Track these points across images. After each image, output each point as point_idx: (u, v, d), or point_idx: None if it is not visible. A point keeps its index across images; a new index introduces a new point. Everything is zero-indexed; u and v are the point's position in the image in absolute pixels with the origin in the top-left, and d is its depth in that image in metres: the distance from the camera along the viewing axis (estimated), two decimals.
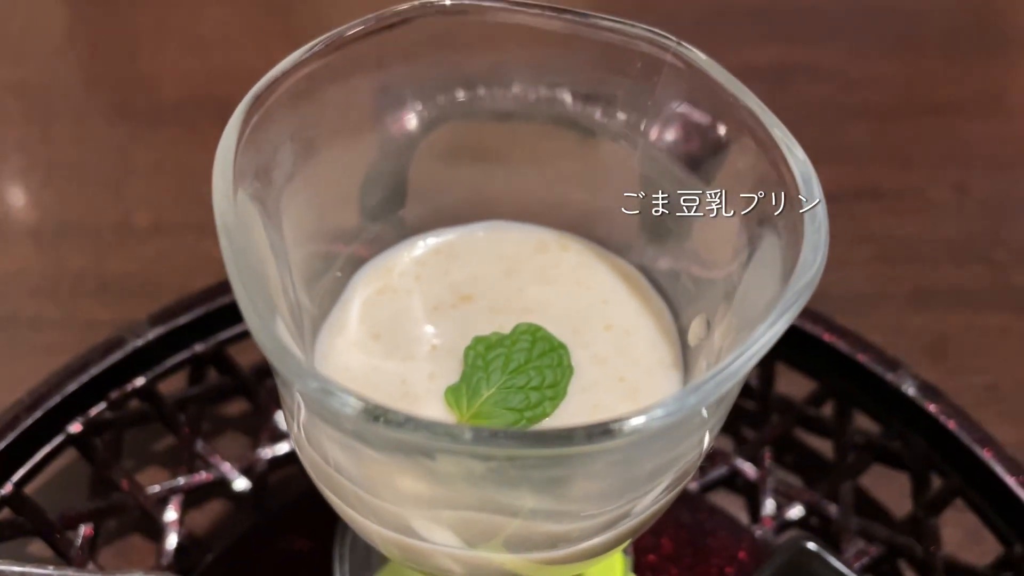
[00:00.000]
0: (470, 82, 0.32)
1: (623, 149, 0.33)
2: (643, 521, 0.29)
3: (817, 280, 0.24)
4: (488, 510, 0.26)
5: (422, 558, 0.29)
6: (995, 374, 0.57)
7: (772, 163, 0.27)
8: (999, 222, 0.67)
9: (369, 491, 0.27)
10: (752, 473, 0.49)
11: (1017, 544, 0.42)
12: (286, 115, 0.28)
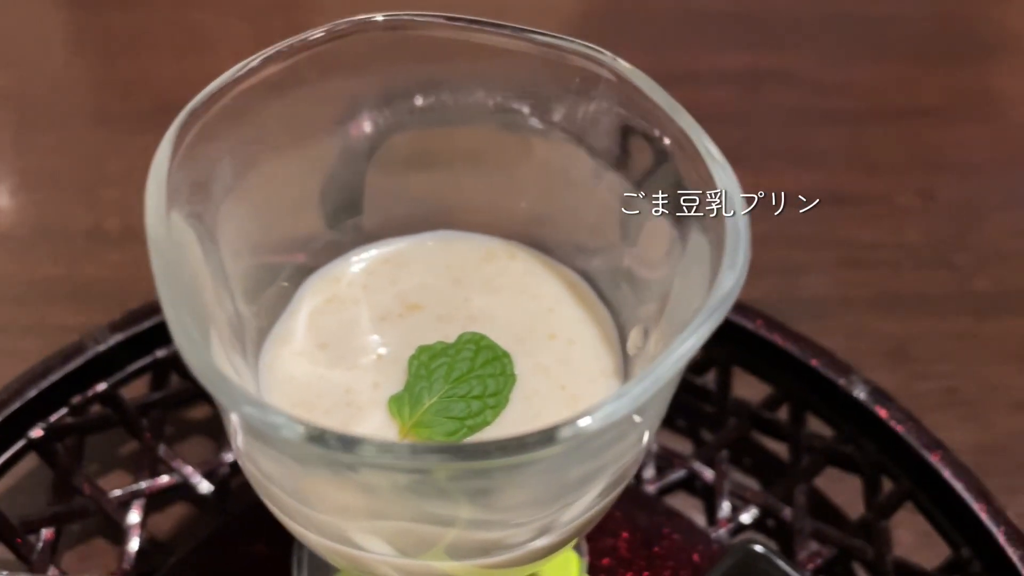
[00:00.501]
0: (414, 95, 0.32)
1: (566, 159, 0.33)
2: (582, 525, 0.30)
3: (736, 290, 0.24)
4: (421, 521, 0.27)
5: (364, 566, 0.29)
6: (955, 378, 0.57)
7: (699, 175, 0.27)
8: (964, 227, 0.67)
9: (305, 503, 0.27)
10: (709, 476, 0.49)
11: (964, 547, 0.43)
12: (225, 130, 0.28)
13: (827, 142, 0.73)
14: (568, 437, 0.22)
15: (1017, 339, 0.60)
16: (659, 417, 0.29)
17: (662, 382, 0.23)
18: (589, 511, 0.29)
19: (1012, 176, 0.71)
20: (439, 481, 0.24)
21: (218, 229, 0.29)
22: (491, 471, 0.24)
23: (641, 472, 0.49)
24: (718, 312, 0.24)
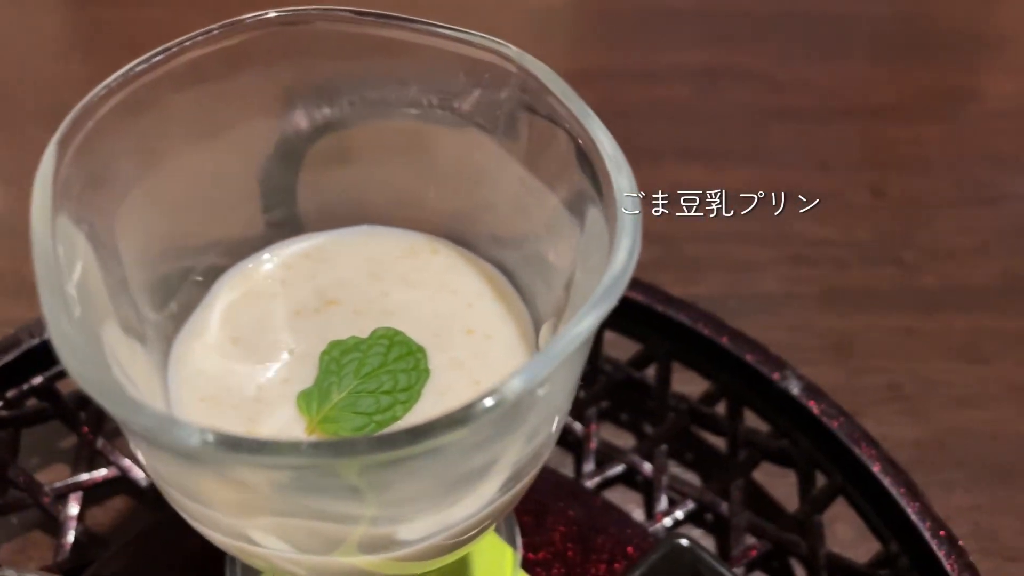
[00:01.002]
0: (325, 91, 0.32)
1: (479, 154, 0.32)
2: (485, 518, 0.29)
3: (623, 282, 0.24)
4: (317, 518, 0.26)
5: (266, 562, 0.29)
6: (896, 374, 0.57)
7: (597, 168, 0.27)
8: (912, 224, 0.67)
9: (196, 500, 0.27)
10: (648, 470, 0.49)
11: (893, 542, 0.43)
12: (122, 127, 0.27)
13: (779, 139, 0.72)
14: (450, 429, 0.21)
15: (960, 335, 0.60)
16: (559, 408, 0.28)
17: (549, 367, 0.23)
18: (491, 505, 0.28)
19: (963, 173, 0.71)
20: (324, 477, 0.24)
21: (120, 226, 0.28)
22: (379, 465, 0.23)
23: (580, 466, 0.49)
24: (605, 300, 0.24)
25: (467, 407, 0.22)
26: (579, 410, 0.50)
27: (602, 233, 0.26)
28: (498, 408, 0.22)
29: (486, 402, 0.22)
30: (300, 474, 0.23)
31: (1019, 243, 0.66)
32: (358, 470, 0.23)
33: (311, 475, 0.23)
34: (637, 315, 0.49)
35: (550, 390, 0.26)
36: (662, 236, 0.64)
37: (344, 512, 0.26)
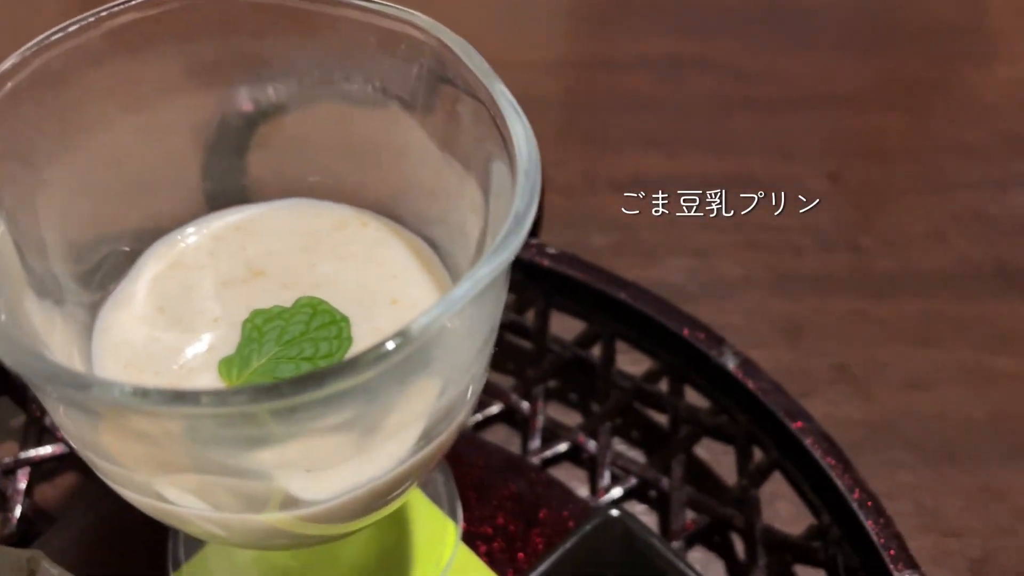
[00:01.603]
0: (243, 63, 0.32)
1: (398, 126, 0.33)
2: (400, 478, 0.30)
3: (521, 230, 0.25)
4: (225, 473, 0.27)
5: (184, 523, 0.30)
6: (846, 355, 0.58)
7: (504, 133, 0.28)
8: (869, 211, 0.68)
9: (113, 461, 0.27)
10: (592, 448, 0.49)
11: (825, 515, 0.43)
12: (35, 100, 0.28)
13: (741, 128, 0.73)
14: (351, 373, 0.22)
15: (912, 319, 0.60)
16: (468, 365, 0.29)
17: (451, 309, 0.24)
18: (404, 464, 0.29)
19: (922, 162, 0.72)
20: (231, 427, 0.25)
21: (41, 200, 0.29)
22: (285, 413, 0.24)
23: (526, 443, 0.50)
24: (502, 248, 0.24)
25: (367, 350, 0.22)
26: (526, 389, 0.51)
27: (509, 193, 0.27)
28: (399, 351, 0.22)
29: (387, 345, 0.22)
30: (209, 424, 0.24)
31: (975, 230, 0.67)
32: (263, 418, 0.23)
33: (218, 425, 0.24)
34: (582, 294, 0.50)
35: (455, 339, 0.26)
36: (621, 223, 0.65)
37: (255, 466, 0.26)
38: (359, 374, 0.22)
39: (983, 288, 0.63)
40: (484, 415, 0.51)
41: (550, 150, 0.68)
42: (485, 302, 0.27)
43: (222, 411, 0.22)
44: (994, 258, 0.65)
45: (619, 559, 0.41)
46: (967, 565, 0.49)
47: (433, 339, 0.24)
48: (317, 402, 0.23)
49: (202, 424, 0.24)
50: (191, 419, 0.23)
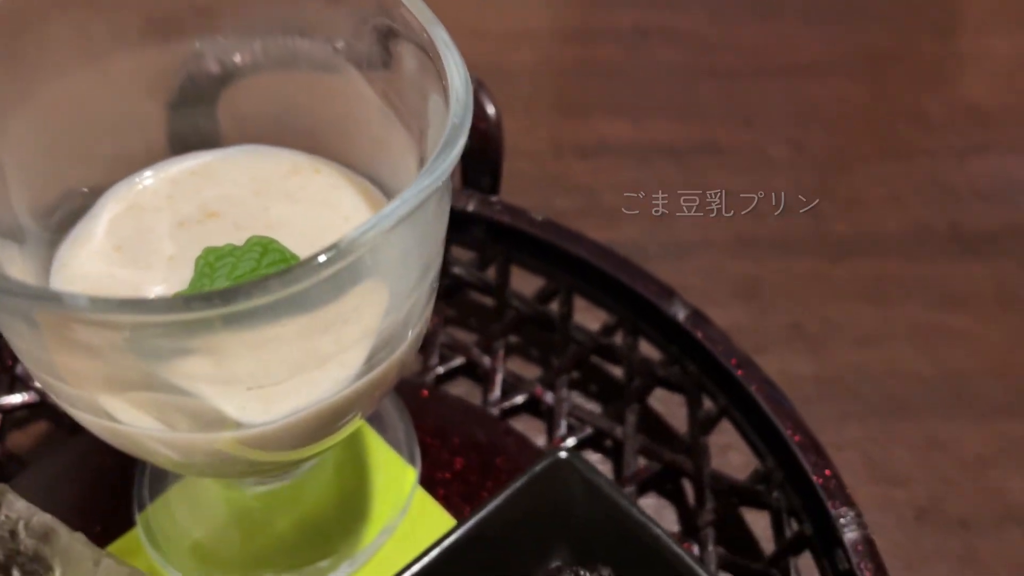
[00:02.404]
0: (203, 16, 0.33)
1: (351, 78, 0.34)
2: (343, 405, 0.31)
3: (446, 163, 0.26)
4: (170, 391, 0.28)
5: (134, 445, 0.31)
6: (800, 314, 0.59)
7: (442, 74, 0.29)
8: (829, 176, 0.69)
9: (63, 379, 0.28)
10: (550, 399, 0.50)
11: (769, 459, 0.45)
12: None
13: (705, 96, 0.74)
14: (287, 282, 0.23)
15: (866, 280, 0.62)
16: (407, 289, 0.30)
17: (380, 229, 0.25)
18: (346, 389, 0.30)
19: (883, 130, 0.73)
20: (172, 338, 0.26)
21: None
22: (225, 323, 0.25)
23: (487, 395, 0.51)
24: (431, 170, 0.25)
25: (303, 260, 0.23)
26: (487, 343, 0.52)
27: (445, 123, 0.28)
28: (332, 262, 0.24)
29: (320, 257, 0.24)
30: (151, 335, 0.25)
31: (932, 195, 0.68)
32: (203, 329, 0.24)
33: (160, 336, 0.25)
34: (541, 250, 0.51)
35: (392, 258, 0.27)
36: (583, 186, 0.66)
37: (197, 382, 0.27)
38: (295, 282, 0.24)
39: (937, 250, 0.64)
40: (446, 368, 0.52)
41: (518, 118, 0.70)
42: (420, 222, 0.28)
43: (161, 318, 0.23)
44: (949, 222, 0.66)
45: (569, 499, 0.42)
46: (912, 513, 0.51)
47: (368, 255, 0.25)
48: (255, 312, 0.24)
49: (145, 335, 0.25)
50: (134, 328, 0.24)
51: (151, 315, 0.23)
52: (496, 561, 0.39)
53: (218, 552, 0.43)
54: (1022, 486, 0.52)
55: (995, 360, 0.58)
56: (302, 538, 0.43)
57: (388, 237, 0.25)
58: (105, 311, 0.23)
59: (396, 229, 0.25)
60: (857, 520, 0.40)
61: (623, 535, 0.40)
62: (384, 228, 0.25)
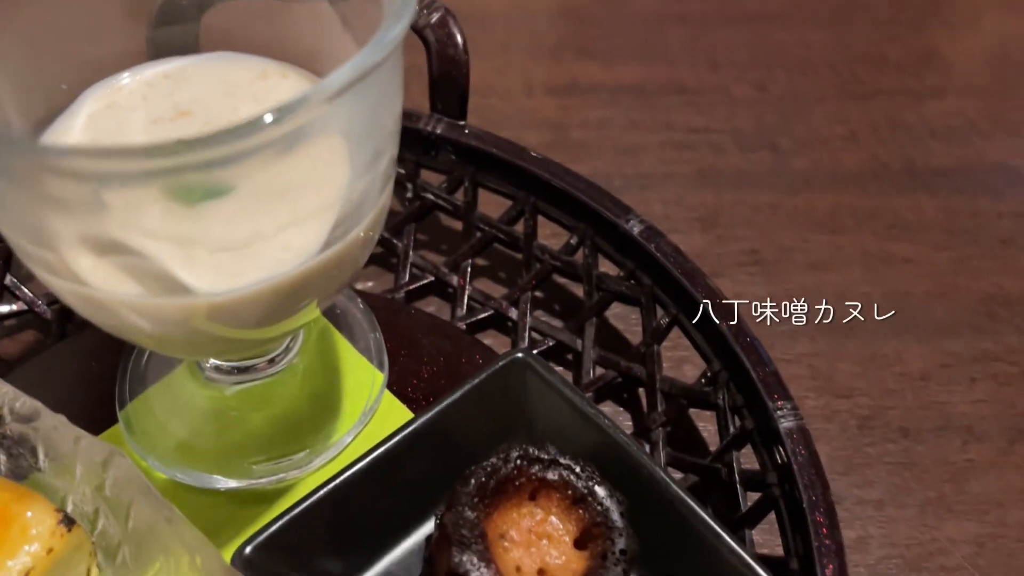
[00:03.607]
0: None
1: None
2: (308, 278, 0.32)
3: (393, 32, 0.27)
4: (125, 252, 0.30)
5: (108, 314, 0.33)
6: (757, 241, 0.61)
7: None
8: (790, 116, 0.71)
9: (35, 241, 0.30)
10: (514, 315, 0.52)
11: (715, 361, 0.47)
12: None
13: (673, 41, 0.76)
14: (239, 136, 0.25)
15: (821, 211, 0.64)
16: (359, 168, 0.32)
17: (325, 93, 0.26)
18: (309, 261, 0.32)
19: (843, 73, 0.75)
20: (134, 188, 0.28)
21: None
22: (188, 173, 0.27)
23: (454, 311, 0.53)
24: (378, 41, 0.27)
25: (252, 118, 0.25)
26: (455, 263, 0.54)
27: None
28: (277, 124, 0.25)
29: (267, 116, 0.25)
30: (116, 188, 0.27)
31: (888, 134, 0.70)
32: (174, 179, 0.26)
33: (127, 186, 0.27)
34: (506, 172, 0.53)
35: (338, 127, 0.29)
36: (553, 122, 0.68)
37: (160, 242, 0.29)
38: (246, 135, 0.25)
39: (890, 185, 0.66)
40: (416, 285, 0.54)
41: (493, 59, 0.72)
42: (367, 96, 0.30)
43: (123, 164, 0.25)
44: (904, 159, 0.68)
45: (525, 395, 0.44)
46: (856, 422, 0.53)
47: (314, 122, 0.27)
48: (211, 164, 0.26)
49: (110, 185, 0.27)
50: (100, 178, 0.26)
51: (115, 161, 0.25)
52: (452, 450, 0.41)
53: (196, 445, 0.45)
54: (961, 399, 0.54)
55: (940, 284, 0.60)
56: (275, 433, 0.45)
57: (334, 105, 0.27)
58: (74, 157, 0.25)
59: (342, 99, 0.27)
60: (793, 412, 0.42)
61: (576, 428, 0.42)
62: (329, 92, 0.26)
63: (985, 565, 0.47)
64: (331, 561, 0.39)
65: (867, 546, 0.48)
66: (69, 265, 0.31)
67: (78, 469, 0.39)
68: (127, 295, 0.31)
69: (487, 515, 0.37)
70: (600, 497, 0.38)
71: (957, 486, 0.50)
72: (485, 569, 0.35)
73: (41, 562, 0.35)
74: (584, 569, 0.36)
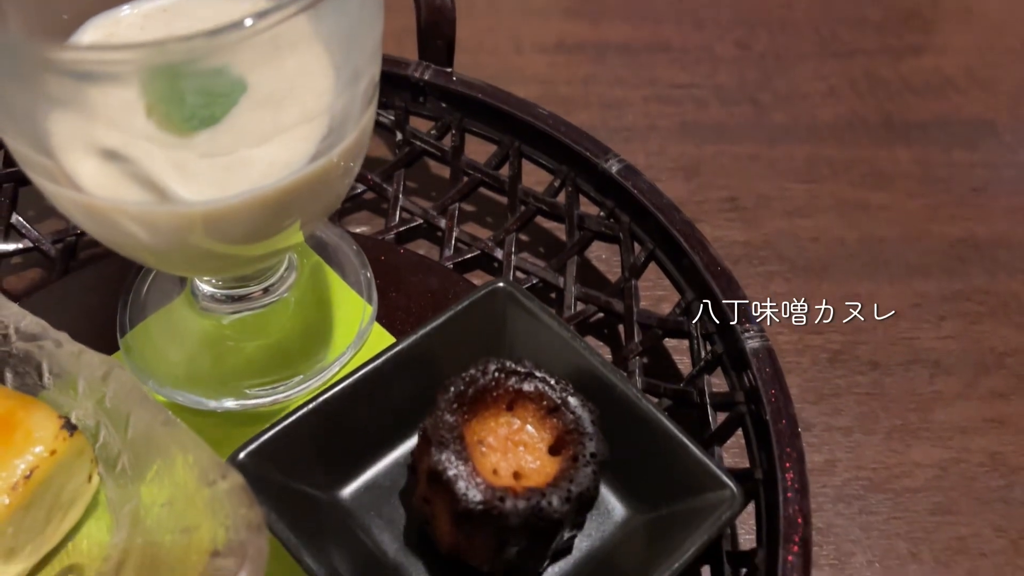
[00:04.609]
0: None
1: None
2: (295, 190, 0.34)
3: None
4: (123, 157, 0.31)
5: (105, 224, 0.34)
6: (736, 189, 0.63)
7: None
8: (771, 73, 0.73)
9: (41, 150, 0.32)
10: (499, 255, 0.54)
11: (688, 292, 0.49)
12: None
13: (661, 1, 0.77)
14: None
15: (800, 161, 0.66)
16: (339, 84, 0.33)
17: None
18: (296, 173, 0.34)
19: (825, 32, 0.76)
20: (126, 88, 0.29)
21: None
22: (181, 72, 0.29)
23: (442, 251, 0.55)
24: None
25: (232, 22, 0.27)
26: (443, 207, 0.56)
27: None
28: (256, 28, 0.27)
29: (247, 20, 0.27)
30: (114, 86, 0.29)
31: (867, 89, 0.71)
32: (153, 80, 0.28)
33: (118, 80, 0.29)
34: (492, 116, 0.55)
35: (317, 37, 0.31)
36: (541, 78, 0.69)
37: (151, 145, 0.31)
38: (227, 35, 0.27)
39: (868, 137, 0.68)
40: (406, 227, 0.56)
41: (483, 18, 0.73)
42: (349, 9, 0.31)
43: (119, 56, 0.27)
44: (881, 113, 0.70)
45: (505, 321, 0.46)
46: (827, 356, 0.55)
47: (297, 26, 0.29)
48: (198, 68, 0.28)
49: (103, 85, 0.29)
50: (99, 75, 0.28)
51: (106, 54, 0.27)
52: (436, 372, 0.42)
53: (193, 370, 0.47)
54: (930, 335, 0.56)
55: (914, 229, 0.62)
56: (269, 360, 0.47)
57: (317, 9, 0.29)
58: (75, 53, 0.26)
59: (324, 5, 0.29)
60: (760, 334, 0.44)
61: (554, 351, 0.44)
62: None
63: (948, 487, 0.49)
64: (320, 470, 0.41)
65: (834, 468, 0.50)
66: (68, 172, 0.32)
67: (80, 384, 0.41)
68: (123, 202, 0.33)
69: (466, 422, 0.39)
70: (573, 406, 0.40)
71: (923, 415, 0.52)
72: (463, 466, 0.36)
73: (44, 462, 0.37)
74: (557, 471, 0.38)
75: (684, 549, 0.38)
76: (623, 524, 0.42)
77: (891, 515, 0.48)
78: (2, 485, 0.36)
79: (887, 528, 0.47)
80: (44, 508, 0.37)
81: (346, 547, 0.39)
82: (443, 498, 0.37)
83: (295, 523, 0.38)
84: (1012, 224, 0.62)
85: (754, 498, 0.41)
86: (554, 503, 0.36)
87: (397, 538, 0.41)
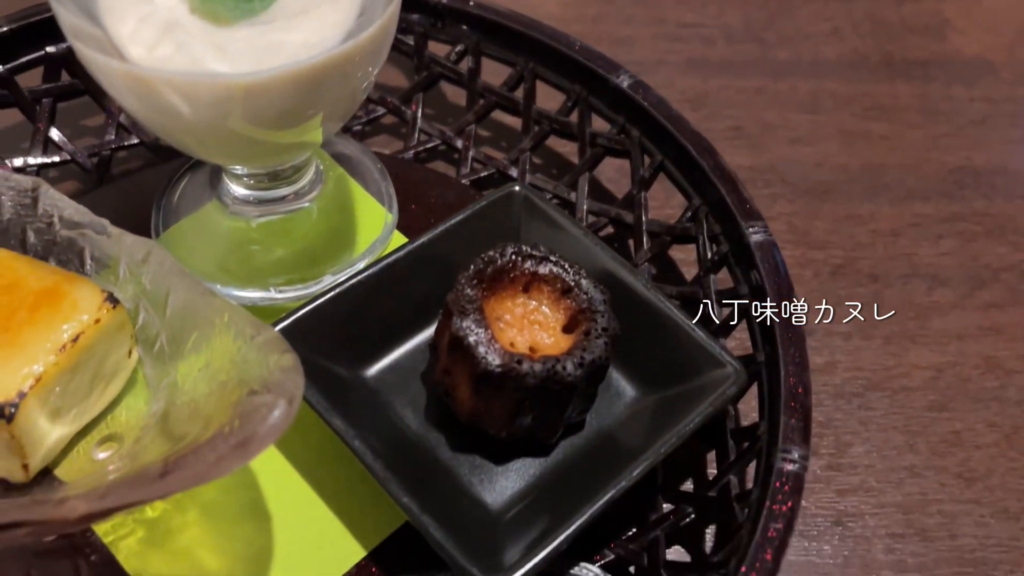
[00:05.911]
0: None
1: None
2: (317, 70, 0.36)
3: None
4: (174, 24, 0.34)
5: (147, 97, 0.36)
6: (742, 119, 0.65)
7: None
8: (777, 14, 0.74)
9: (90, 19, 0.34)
10: (514, 173, 0.56)
11: (696, 198, 0.50)
12: None
13: None
14: None
15: (803, 95, 0.67)
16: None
17: None
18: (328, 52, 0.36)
19: None
20: None
21: None
22: None
23: (459, 169, 0.57)
24: None
25: None
26: (460, 128, 0.58)
27: None
28: None
29: None
30: None
31: (868, 30, 0.73)
32: None
33: None
34: (507, 37, 0.56)
35: None
36: (554, 17, 0.71)
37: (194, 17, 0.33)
38: None
39: (869, 74, 0.69)
40: (424, 148, 0.58)
41: None
42: None
43: None
44: (883, 52, 0.71)
45: (520, 220, 0.48)
46: (829, 269, 0.56)
47: None
48: None
49: None
50: None
51: None
52: (454, 267, 0.44)
53: (222, 267, 0.49)
54: (928, 251, 0.58)
55: (913, 157, 0.63)
56: (295, 260, 0.49)
57: None
58: None
59: None
60: (764, 229, 0.46)
61: (566, 248, 0.46)
62: None
63: (944, 387, 0.51)
64: (346, 352, 0.43)
65: (834, 369, 0.51)
66: (115, 43, 0.34)
67: (121, 268, 0.43)
68: (167, 73, 0.35)
69: (485, 299, 0.41)
70: (585, 287, 0.42)
71: (921, 323, 0.54)
72: (483, 333, 0.38)
73: (89, 329, 0.39)
74: (570, 346, 0.40)
75: (691, 419, 0.40)
76: (632, 403, 0.44)
77: (889, 411, 0.50)
78: (51, 347, 0.38)
79: (885, 422, 0.49)
80: (88, 375, 0.39)
81: (371, 419, 0.41)
82: (463, 366, 0.39)
83: (324, 393, 0.40)
84: (1010, 153, 0.64)
85: (757, 380, 0.43)
86: (568, 367, 0.38)
87: (419, 413, 0.43)
